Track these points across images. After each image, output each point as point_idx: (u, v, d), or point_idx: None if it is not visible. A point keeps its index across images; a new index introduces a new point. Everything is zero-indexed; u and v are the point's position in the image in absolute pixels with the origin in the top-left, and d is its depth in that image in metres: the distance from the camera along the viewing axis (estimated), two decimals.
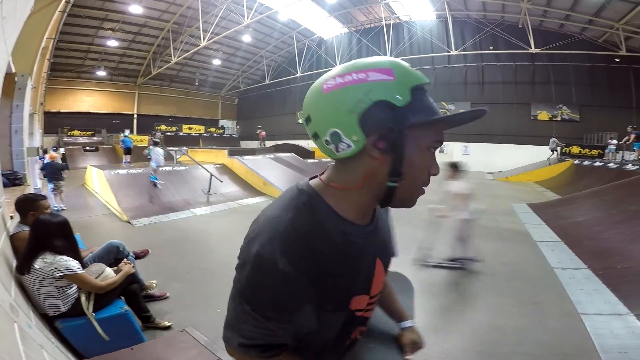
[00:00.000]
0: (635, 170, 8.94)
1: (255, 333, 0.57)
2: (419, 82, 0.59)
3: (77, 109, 22.42)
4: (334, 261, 0.59)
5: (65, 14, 13.59)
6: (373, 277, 0.68)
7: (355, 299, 0.65)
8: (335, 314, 0.63)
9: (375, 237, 0.68)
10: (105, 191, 7.36)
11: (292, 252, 0.55)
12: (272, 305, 0.55)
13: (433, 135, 0.60)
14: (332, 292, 0.60)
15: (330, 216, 0.61)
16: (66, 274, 2.05)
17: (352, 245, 0.62)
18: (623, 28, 14.16)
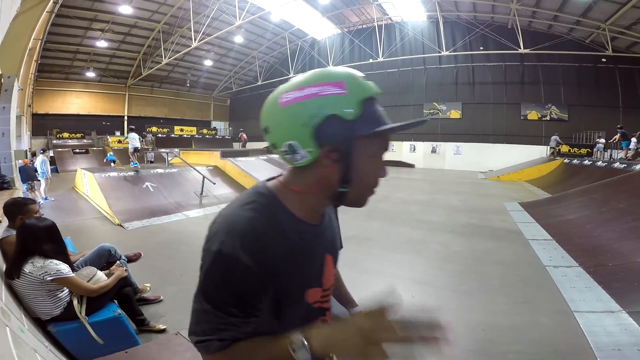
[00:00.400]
0: (623, 169, 9.12)
1: (218, 327, 0.59)
2: (369, 94, 0.64)
3: (66, 111, 22.05)
4: (290, 259, 0.64)
5: (53, 14, 13.39)
6: (324, 271, 0.75)
7: (309, 292, 0.71)
8: (294, 307, 0.68)
9: (324, 234, 0.75)
10: (96, 194, 7.25)
11: (252, 248, 0.58)
12: (235, 301, 0.58)
13: (380, 144, 0.66)
14: (289, 288, 0.65)
15: (287, 217, 0.66)
16: (57, 277, 2.03)
17: (306, 243, 0.68)
18: (609, 28, 14.44)
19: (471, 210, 7.60)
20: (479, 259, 4.40)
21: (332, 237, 0.80)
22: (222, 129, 30.28)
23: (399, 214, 7.23)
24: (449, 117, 21.06)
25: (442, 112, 21.23)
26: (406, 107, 22.30)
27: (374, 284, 3.57)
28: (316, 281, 0.73)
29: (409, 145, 22.35)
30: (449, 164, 20.71)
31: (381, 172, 0.68)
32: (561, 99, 18.23)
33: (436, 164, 21.11)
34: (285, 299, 0.66)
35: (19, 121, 8.91)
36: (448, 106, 21.08)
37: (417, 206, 8.07)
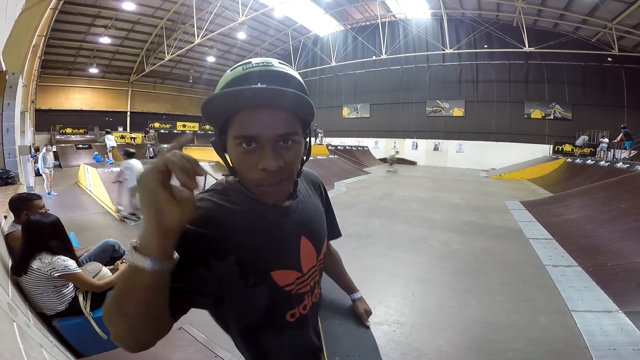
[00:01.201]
0: (625, 169, 9.08)
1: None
2: (226, 81, 0.66)
3: (69, 107, 22.13)
4: (249, 236, 0.67)
5: (56, 11, 13.40)
6: (300, 254, 0.75)
7: (278, 273, 0.71)
8: (257, 287, 0.68)
9: (296, 216, 0.76)
10: (99, 189, 7.29)
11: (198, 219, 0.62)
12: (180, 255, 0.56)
13: (235, 131, 0.64)
14: (249, 266, 0.66)
15: (244, 198, 0.70)
16: (64, 273, 2.04)
17: (268, 223, 0.70)
18: (616, 28, 14.32)
19: (472, 209, 7.61)
20: (479, 258, 4.42)
21: (310, 219, 0.80)
22: None
23: (400, 211, 7.24)
24: (451, 115, 21.00)
25: (445, 110, 21.17)
26: (409, 104, 22.27)
27: (374, 281, 3.60)
28: (288, 264, 0.73)
29: (411, 142, 22.32)
30: (451, 161, 20.69)
31: (260, 163, 0.63)
32: (565, 98, 18.12)
33: (438, 162, 21.08)
34: (248, 278, 0.66)
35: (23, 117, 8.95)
36: (451, 104, 21.01)
37: (418, 204, 8.08)
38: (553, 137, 17.36)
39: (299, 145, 0.67)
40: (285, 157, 0.65)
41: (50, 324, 2.06)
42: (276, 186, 0.66)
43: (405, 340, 2.54)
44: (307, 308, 0.79)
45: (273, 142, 0.63)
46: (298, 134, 0.67)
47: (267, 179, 0.65)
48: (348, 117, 25.06)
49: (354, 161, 16.75)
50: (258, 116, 0.62)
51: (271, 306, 0.71)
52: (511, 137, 19.18)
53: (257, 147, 0.63)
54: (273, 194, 0.67)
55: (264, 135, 0.62)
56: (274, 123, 0.63)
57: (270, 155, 0.62)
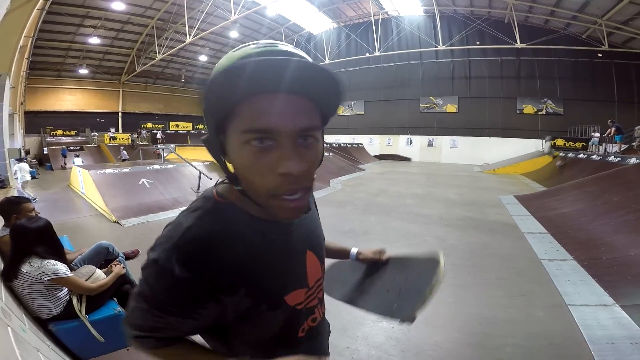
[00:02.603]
0: (617, 162, 9.19)
1: (154, 326, 0.56)
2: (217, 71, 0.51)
3: (60, 108, 21.83)
4: (255, 262, 0.58)
5: (44, 11, 13.19)
6: (307, 269, 0.68)
7: (291, 295, 0.64)
8: (272, 312, 0.61)
9: (300, 230, 0.67)
10: (92, 192, 7.20)
11: (189, 260, 0.52)
12: (172, 305, 0.54)
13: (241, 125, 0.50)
14: (261, 293, 0.59)
15: (243, 219, 0.59)
16: (54, 277, 2.01)
17: (273, 243, 0.61)
18: (606, 24, 14.49)
19: (467, 204, 7.64)
20: (475, 253, 4.44)
21: (310, 230, 0.72)
22: None
23: (395, 207, 7.25)
24: (445, 111, 21.11)
25: (439, 106, 21.27)
26: (403, 101, 22.32)
27: None
28: (298, 282, 0.66)
29: (405, 139, 22.39)
30: (446, 157, 20.80)
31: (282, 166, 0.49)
32: (557, 93, 18.32)
33: (433, 158, 21.18)
34: (261, 304, 0.59)
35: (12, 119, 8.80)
36: (444, 100, 21.11)
37: (413, 200, 8.10)
38: (545, 132, 17.52)
39: (319, 144, 0.55)
40: (308, 158, 0.52)
41: (46, 328, 2.03)
42: (297, 198, 0.53)
43: (405, 336, 2.53)
44: (317, 321, 0.74)
45: (294, 138, 0.50)
46: (319, 129, 0.54)
47: (286, 187, 0.51)
48: (342, 114, 25.05)
49: (349, 158, 16.76)
50: (275, 103, 0.48)
51: (283, 327, 0.64)
52: (504, 133, 19.35)
53: (272, 145, 0.50)
54: (293, 208, 0.54)
55: (283, 128, 0.49)
56: (296, 113, 0.50)
57: (293, 155, 0.49)
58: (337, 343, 2.40)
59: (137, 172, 7.92)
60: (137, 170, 7.99)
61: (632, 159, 8.81)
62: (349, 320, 2.66)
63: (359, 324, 2.66)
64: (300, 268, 0.67)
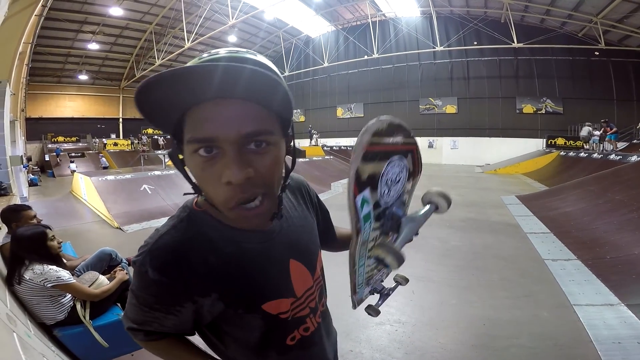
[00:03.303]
0: (618, 160, 9.18)
1: (143, 320, 0.61)
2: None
3: (60, 114, 21.93)
4: (228, 270, 0.59)
5: (42, 17, 13.26)
6: (291, 279, 0.67)
7: (269, 304, 0.63)
8: (250, 316, 0.63)
9: (282, 239, 0.67)
10: (94, 198, 7.21)
11: (161, 264, 0.55)
12: (154, 301, 0.58)
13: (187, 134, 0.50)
14: (236, 298, 0.60)
15: (215, 227, 0.60)
16: (57, 284, 2.04)
17: (248, 251, 0.61)
18: (601, 22, 14.54)
19: (469, 205, 7.63)
20: (478, 254, 4.43)
21: (299, 239, 0.71)
22: None
23: None
24: (444, 112, 21.13)
25: (438, 107, 21.28)
26: (402, 103, 22.34)
27: None
28: (279, 291, 0.65)
29: None
30: (446, 158, 20.79)
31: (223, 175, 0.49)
32: (556, 92, 18.33)
33: (433, 159, 21.17)
34: (236, 307, 0.60)
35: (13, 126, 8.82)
36: (444, 101, 21.13)
37: (415, 201, 7.96)
38: (545, 131, 17.53)
39: (276, 148, 0.53)
40: (257, 164, 0.50)
41: (51, 334, 2.06)
42: (255, 206, 0.52)
43: (408, 339, 2.52)
44: (310, 330, 0.72)
45: (238, 145, 0.49)
46: (273, 134, 0.52)
47: (235, 196, 0.50)
48: (342, 117, 25.07)
49: (349, 161, 16.77)
50: (216, 110, 0.47)
51: (267, 332, 0.65)
52: (504, 132, 19.34)
53: (218, 154, 0.49)
54: (251, 217, 0.53)
55: (223, 135, 0.48)
56: (239, 118, 0.48)
57: (233, 163, 0.48)
58: (341, 346, 2.38)
59: (139, 178, 7.94)
60: (138, 176, 8.01)
61: (633, 156, 8.81)
62: (352, 323, 2.65)
63: (362, 327, 2.65)
64: (282, 278, 0.66)
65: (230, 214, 0.53)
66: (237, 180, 0.48)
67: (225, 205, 0.52)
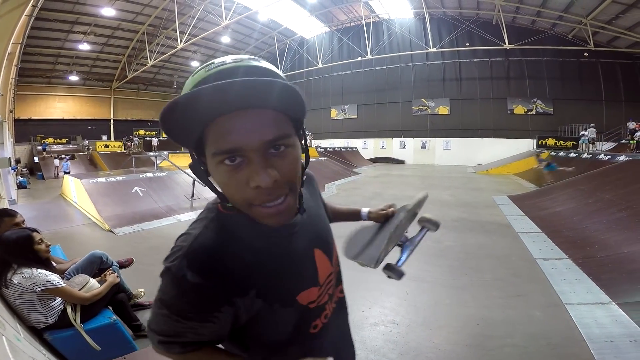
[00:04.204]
0: (607, 160, 9.33)
1: (176, 331, 0.58)
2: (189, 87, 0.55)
3: (50, 116, 21.61)
4: (262, 265, 0.60)
5: (32, 17, 13.06)
6: (317, 268, 0.70)
7: (302, 294, 0.65)
8: (284, 310, 0.63)
9: (305, 231, 0.69)
10: (85, 200, 7.11)
11: (200, 266, 0.55)
12: (189, 309, 0.56)
13: (211, 148, 0.53)
14: (272, 293, 0.61)
15: (243, 224, 0.61)
16: (46, 288, 2.02)
17: (277, 246, 0.63)
18: (590, 23, 14.79)
19: (462, 205, 7.69)
20: (471, 254, 4.45)
21: (319, 228, 0.74)
22: None
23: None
24: (437, 113, 21.28)
25: (431, 108, 21.44)
26: (395, 104, 22.46)
27: (369, 282, 3.59)
28: (309, 281, 0.67)
29: (399, 141, 22.51)
30: (439, 159, 20.94)
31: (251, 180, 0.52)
32: (546, 93, 18.60)
33: (426, 160, 21.30)
34: (273, 303, 0.61)
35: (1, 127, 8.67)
36: (436, 102, 21.29)
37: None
38: (536, 131, 17.76)
39: (294, 149, 0.56)
40: (280, 167, 0.53)
41: (41, 337, 2.04)
42: (279, 205, 0.55)
43: (403, 339, 2.52)
44: (328, 317, 0.74)
45: (262, 151, 0.52)
46: (290, 136, 0.55)
47: (264, 198, 0.54)
48: (336, 118, 25.12)
49: (343, 162, 16.79)
50: (236, 122, 0.50)
51: (296, 325, 0.66)
52: (496, 133, 19.55)
53: (243, 161, 0.52)
54: (276, 215, 0.56)
55: (247, 145, 0.51)
56: (259, 127, 0.51)
57: (261, 169, 0.51)
58: None
59: (130, 180, 7.85)
60: (129, 178, 7.92)
61: (621, 156, 8.96)
62: None
63: (357, 327, 2.65)
64: (310, 267, 0.69)
65: (252, 212, 0.56)
66: (267, 184, 0.51)
67: (248, 202, 0.55)
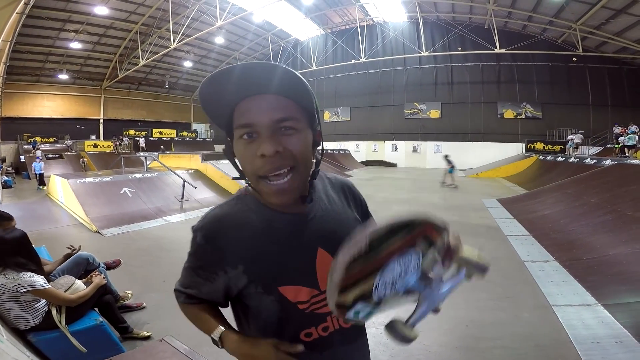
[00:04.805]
0: (593, 164, 9.52)
1: (186, 283, 0.74)
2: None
3: (38, 114, 21.18)
4: (255, 245, 0.66)
5: (23, 15, 12.83)
6: (315, 268, 0.68)
7: (287, 289, 0.66)
8: (266, 298, 0.67)
9: (313, 225, 0.70)
10: (71, 201, 6.98)
11: (207, 231, 0.68)
12: (199, 265, 0.70)
13: (235, 124, 0.64)
14: (257, 273, 0.66)
15: (256, 206, 0.69)
16: (31, 289, 1.99)
17: (277, 231, 0.68)
18: (580, 28, 15.11)
19: (452, 208, 7.76)
20: None
21: (332, 230, 0.71)
22: (202, 131, 29.77)
23: (382, 213, 7.26)
24: (429, 117, 21.47)
25: (423, 112, 21.62)
26: (388, 107, 22.59)
27: None
28: (298, 278, 0.66)
29: (390, 145, 22.62)
30: (430, 162, 21.09)
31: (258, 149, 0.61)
32: (535, 97, 18.90)
33: (418, 163, 21.45)
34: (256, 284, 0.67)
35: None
36: (428, 106, 21.47)
37: (399, 205, 8.16)
38: (525, 135, 18.03)
39: (301, 134, 0.63)
40: (286, 143, 0.61)
41: (25, 339, 2.02)
42: (282, 181, 0.61)
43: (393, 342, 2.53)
44: (329, 330, 0.71)
45: (271, 128, 0.61)
46: (299, 121, 0.63)
47: (268, 167, 0.61)
48: (329, 120, 25.15)
49: (335, 165, 16.81)
50: (254, 103, 0.61)
51: (283, 320, 0.68)
52: (486, 137, 19.78)
53: (256, 137, 0.62)
54: (279, 193, 0.62)
55: (259, 121, 0.61)
56: (271, 108, 0.61)
57: (267, 140, 0.60)
58: None
59: (119, 181, 7.74)
60: (118, 179, 7.81)
61: (607, 160, 9.14)
62: None
63: None
64: (305, 264, 0.68)
65: (259, 186, 0.64)
66: (269, 152, 0.59)
67: (256, 173, 0.63)
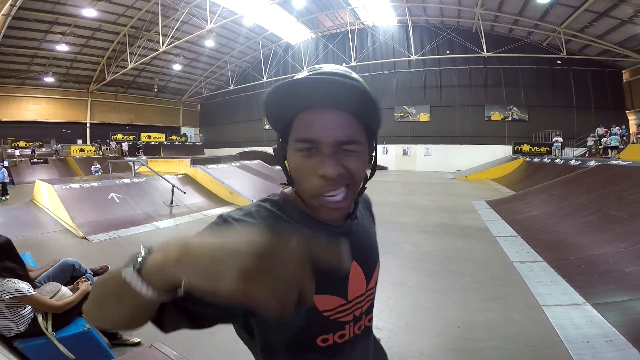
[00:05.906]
0: (578, 165, 9.73)
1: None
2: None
3: (22, 118, 20.76)
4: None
5: (9, 17, 12.58)
6: (348, 280, 0.69)
7: (321, 297, 0.65)
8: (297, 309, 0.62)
9: (351, 239, 0.70)
10: (57, 207, 6.83)
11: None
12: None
13: (294, 134, 0.61)
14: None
15: (297, 213, 0.66)
16: (16, 296, 1.97)
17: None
18: (564, 32, 15.52)
19: (442, 210, 7.83)
20: (451, 258, 4.53)
21: (365, 245, 0.74)
22: (192, 135, 29.52)
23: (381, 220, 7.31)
24: (418, 120, 21.70)
25: (412, 115, 21.84)
26: None
27: None
28: (333, 288, 0.67)
29: (381, 148, 22.76)
30: (420, 165, 21.30)
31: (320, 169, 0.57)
32: (521, 100, 19.29)
33: (408, 166, 21.63)
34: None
35: None
36: (417, 109, 21.71)
37: (390, 208, 8.20)
38: (512, 137, 18.36)
39: (361, 155, 0.61)
40: (346, 164, 0.59)
41: (11, 345, 2.00)
42: (338, 199, 0.60)
43: (386, 344, 2.50)
44: (344, 338, 0.71)
45: (334, 147, 0.58)
46: (361, 143, 0.61)
47: (326, 188, 0.59)
48: None
49: None
50: (319, 117, 0.58)
51: (304, 328, 0.65)
52: (474, 140, 20.08)
53: (316, 153, 0.59)
54: (333, 209, 0.61)
55: (323, 138, 0.58)
56: (336, 126, 0.58)
57: (330, 161, 0.58)
58: None
59: (106, 186, 7.62)
60: (105, 184, 7.68)
61: (592, 162, 9.36)
62: None
63: None
64: (341, 277, 0.69)
65: (314, 202, 0.62)
66: (332, 175, 0.57)
67: (314, 193, 0.60)
